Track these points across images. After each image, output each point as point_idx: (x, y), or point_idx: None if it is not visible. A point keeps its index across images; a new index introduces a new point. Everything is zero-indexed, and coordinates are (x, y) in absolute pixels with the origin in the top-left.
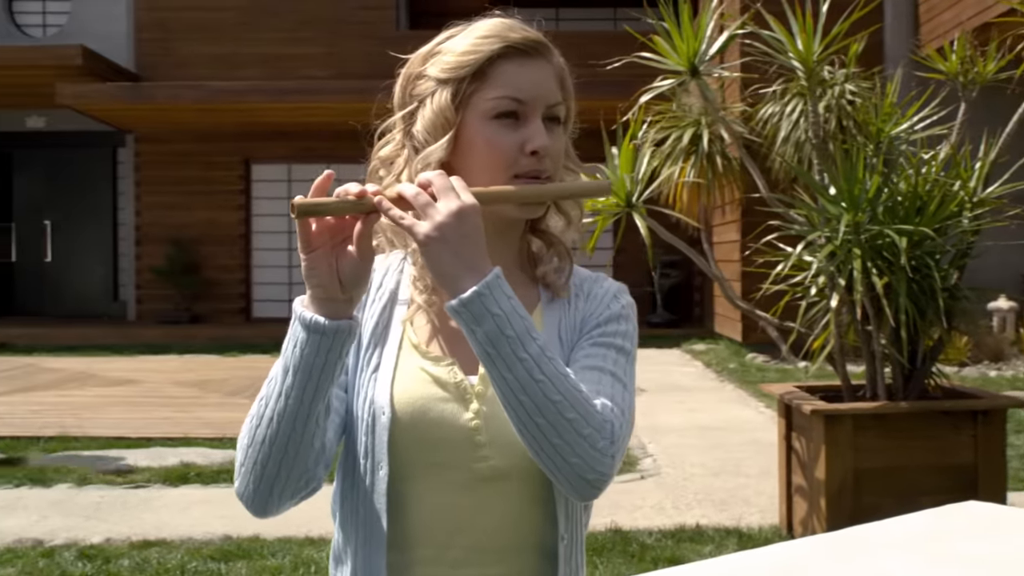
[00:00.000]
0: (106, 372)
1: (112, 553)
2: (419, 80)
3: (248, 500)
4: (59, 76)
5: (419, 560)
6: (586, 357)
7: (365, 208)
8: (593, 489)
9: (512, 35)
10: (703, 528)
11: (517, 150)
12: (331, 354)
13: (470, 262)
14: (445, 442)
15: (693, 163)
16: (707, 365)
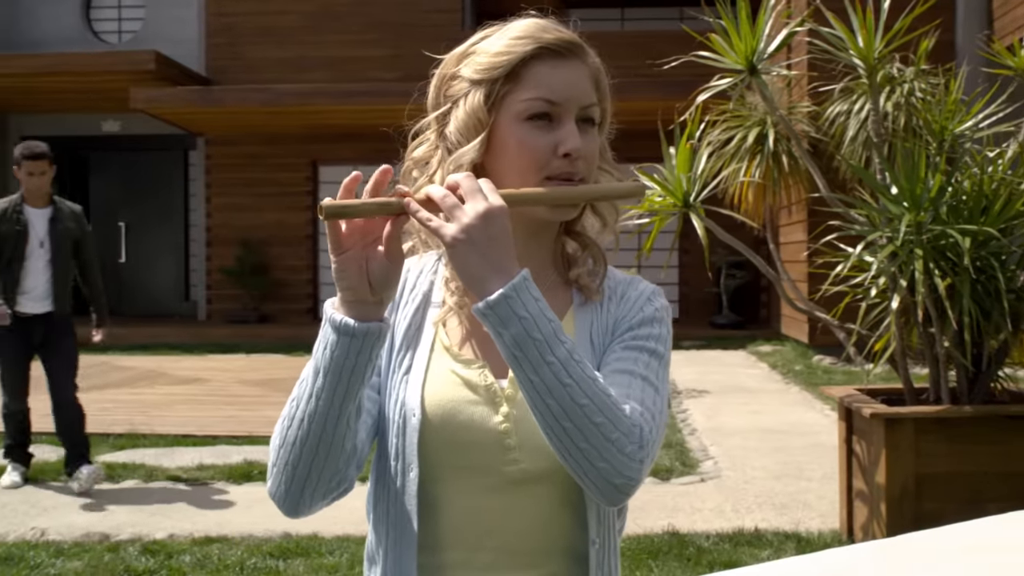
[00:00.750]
0: (175, 371)
1: (175, 549)
2: (453, 81)
3: (280, 500)
4: (133, 81)
5: (449, 563)
6: (617, 360)
7: (393, 210)
8: (621, 494)
9: (545, 36)
10: (762, 532)
11: (550, 152)
12: (361, 356)
13: (497, 264)
14: (475, 445)
15: (758, 163)
16: (772, 367)
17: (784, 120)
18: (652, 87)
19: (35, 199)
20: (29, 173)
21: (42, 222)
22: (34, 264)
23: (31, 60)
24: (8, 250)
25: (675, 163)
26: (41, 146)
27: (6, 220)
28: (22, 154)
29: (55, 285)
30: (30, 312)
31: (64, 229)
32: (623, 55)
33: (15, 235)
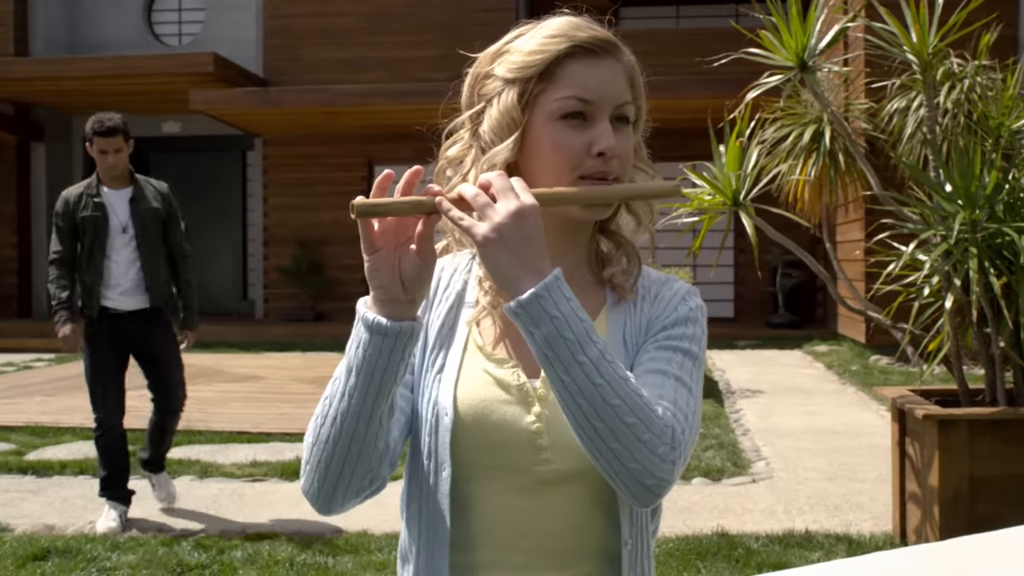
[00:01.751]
0: (232, 368)
1: (227, 544)
2: (487, 80)
3: (313, 497)
4: (192, 83)
5: (482, 563)
6: (650, 360)
7: (425, 209)
8: (652, 495)
9: (579, 34)
10: (812, 534)
11: (583, 151)
12: (393, 355)
13: (529, 263)
14: (507, 444)
15: (814, 161)
16: (828, 367)
17: (838, 117)
18: (704, 85)
19: (112, 179)
20: (101, 151)
21: (123, 204)
22: (119, 253)
23: (93, 63)
24: (88, 239)
25: (724, 161)
26: (114, 118)
27: (82, 205)
28: (92, 129)
29: (146, 275)
30: (121, 309)
31: (149, 210)
32: (677, 53)
33: (93, 221)
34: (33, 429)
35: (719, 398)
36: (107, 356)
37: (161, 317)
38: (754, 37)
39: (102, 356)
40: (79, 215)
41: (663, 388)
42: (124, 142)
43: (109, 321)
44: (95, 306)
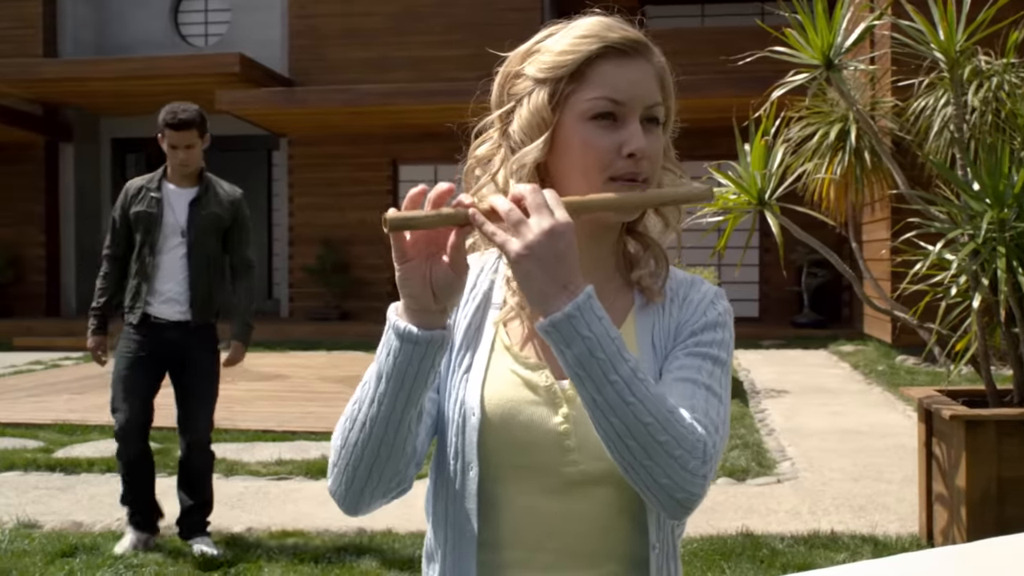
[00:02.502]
0: (258, 367)
1: (253, 542)
2: (517, 79)
3: (340, 499)
4: (219, 83)
5: (509, 562)
6: (680, 368)
7: (458, 221)
8: (684, 508)
9: (611, 35)
10: (838, 535)
11: (614, 152)
12: (424, 363)
13: (562, 281)
14: (534, 445)
15: (840, 160)
16: (854, 367)
17: (863, 116)
18: (729, 83)
19: (180, 177)
20: (172, 146)
21: (183, 204)
22: (170, 257)
23: (121, 64)
24: (140, 237)
25: (749, 160)
26: (189, 110)
27: (139, 199)
28: (164, 121)
29: (192, 286)
30: (163, 318)
31: (209, 216)
32: (702, 51)
33: (146, 218)
34: (61, 427)
35: (744, 398)
36: (139, 368)
37: (206, 335)
38: (780, 35)
39: (133, 367)
40: (133, 209)
41: (694, 399)
42: (198, 137)
43: (150, 330)
44: (138, 311)
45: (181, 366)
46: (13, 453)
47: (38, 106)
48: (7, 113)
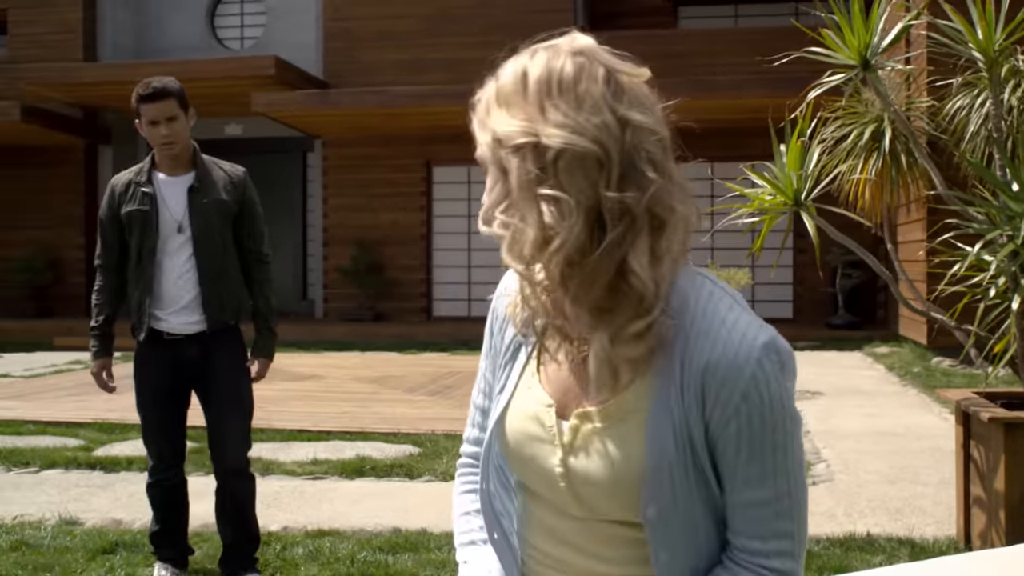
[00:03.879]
0: (293, 367)
1: (289, 540)
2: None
3: None
4: (254, 86)
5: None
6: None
7: None
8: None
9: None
10: (874, 537)
11: None
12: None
13: None
14: (538, 479)
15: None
16: (889, 368)
17: (900, 117)
18: (763, 84)
19: (169, 161)
20: (151, 122)
21: (179, 195)
22: (173, 260)
23: (158, 67)
24: (136, 241)
25: (785, 161)
26: (163, 79)
27: (129, 196)
28: (137, 95)
29: (204, 289)
30: (176, 332)
31: (213, 203)
32: (736, 52)
33: (141, 217)
34: (101, 426)
35: None
36: (161, 401)
37: (228, 340)
38: (816, 36)
39: (150, 393)
40: (124, 209)
41: (765, 523)
42: (179, 108)
43: (164, 349)
44: (144, 328)
45: (206, 383)
46: (54, 451)
47: (78, 109)
48: (48, 116)
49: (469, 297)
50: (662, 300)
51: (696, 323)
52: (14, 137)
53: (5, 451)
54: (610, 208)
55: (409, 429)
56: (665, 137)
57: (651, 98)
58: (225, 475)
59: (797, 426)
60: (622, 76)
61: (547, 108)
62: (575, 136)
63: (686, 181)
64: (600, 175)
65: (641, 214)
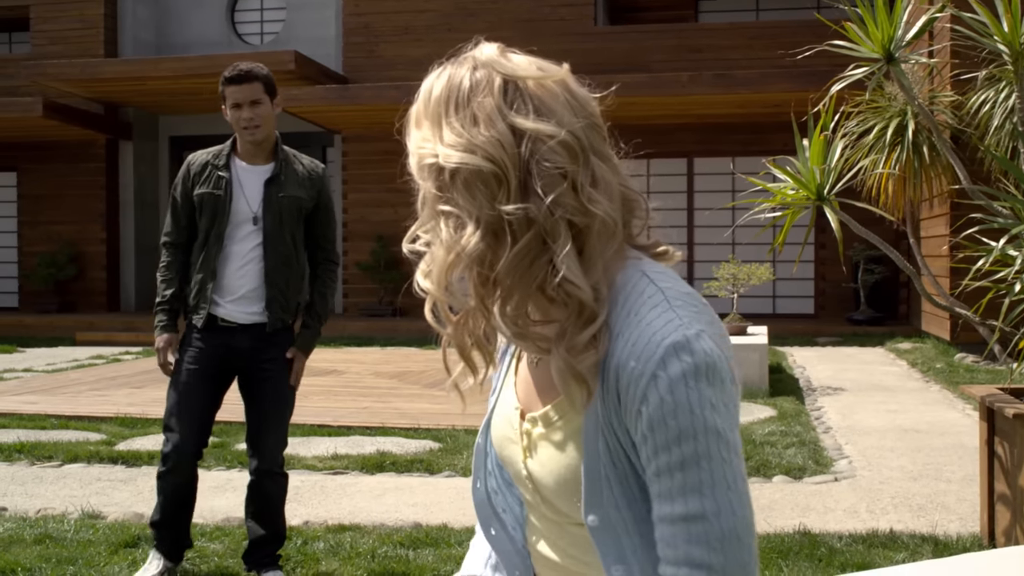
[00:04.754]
0: (312, 362)
1: (309, 535)
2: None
3: None
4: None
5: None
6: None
7: None
8: None
9: None
10: (897, 534)
11: None
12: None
13: None
14: (517, 480)
15: (898, 155)
16: (912, 365)
17: (924, 110)
18: (785, 78)
19: (250, 148)
20: (235, 104)
21: (256, 185)
22: (240, 248)
23: (179, 63)
24: (206, 223)
25: (808, 155)
26: (252, 64)
27: (204, 178)
28: (224, 78)
29: (269, 282)
30: (233, 320)
31: (289, 199)
32: (757, 46)
33: (212, 201)
34: (122, 420)
35: (800, 395)
36: (201, 383)
37: (283, 338)
38: (839, 29)
39: (194, 381)
40: (197, 190)
41: (674, 547)
42: (265, 93)
43: (218, 335)
44: (203, 313)
45: (253, 377)
46: (76, 445)
47: (99, 105)
48: (69, 112)
49: None
50: (604, 304)
51: (618, 322)
52: (36, 132)
53: (28, 445)
54: (512, 220)
55: (429, 424)
56: (574, 142)
57: (565, 100)
58: (261, 473)
59: (718, 441)
60: (527, 82)
61: (443, 127)
62: (467, 155)
63: (614, 179)
64: (499, 189)
65: (551, 222)
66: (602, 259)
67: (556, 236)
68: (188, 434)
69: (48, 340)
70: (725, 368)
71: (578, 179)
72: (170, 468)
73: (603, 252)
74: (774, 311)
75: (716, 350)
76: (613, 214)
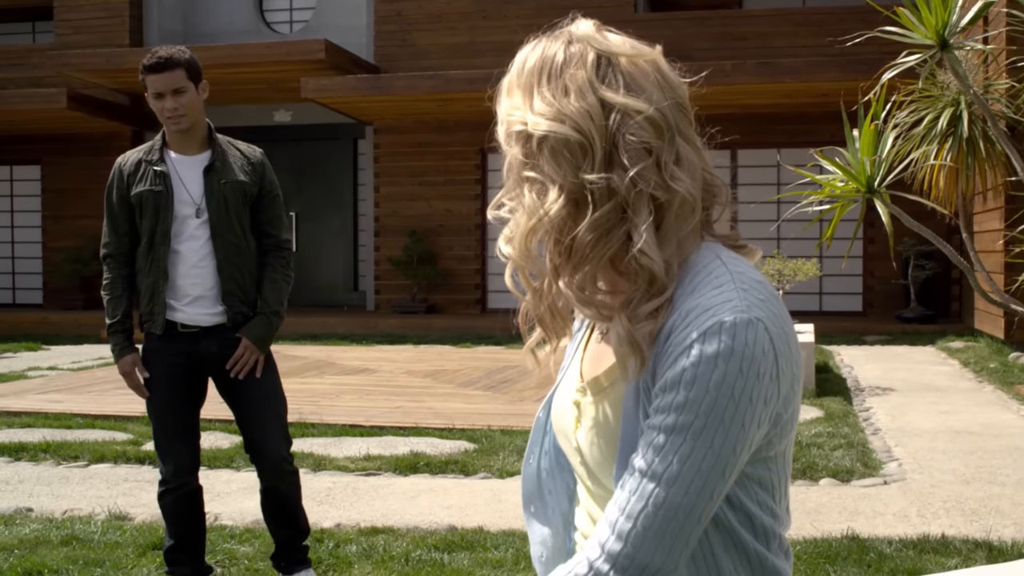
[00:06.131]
0: (344, 361)
1: (342, 538)
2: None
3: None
4: (304, 71)
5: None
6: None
7: None
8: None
9: None
10: (949, 539)
11: None
12: None
13: None
14: (571, 453)
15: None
16: (964, 364)
17: (979, 99)
18: (834, 67)
19: (181, 139)
20: (157, 94)
21: (195, 175)
22: (189, 245)
23: (206, 52)
24: (148, 224)
25: (858, 146)
26: (171, 48)
27: (139, 176)
28: (142, 66)
29: (224, 278)
30: (193, 324)
31: (231, 184)
32: (804, 33)
33: (153, 199)
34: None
35: (847, 396)
36: (171, 391)
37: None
38: (890, 14)
39: (163, 391)
40: (134, 190)
41: (614, 507)
42: (188, 79)
43: (180, 343)
44: (158, 319)
45: (230, 381)
46: (103, 445)
47: (124, 96)
48: (94, 103)
49: None
50: (673, 280)
51: (681, 297)
52: (60, 124)
53: (54, 445)
54: (594, 190)
55: (464, 424)
56: (661, 119)
57: (656, 79)
58: (269, 477)
59: (717, 430)
60: (620, 59)
61: (535, 96)
62: (555, 123)
63: (698, 161)
64: (584, 158)
65: (633, 194)
66: (677, 236)
67: (637, 209)
68: (184, 457)
69: (73, 338)
70: (767, 364)
71: (662, 156)
72: (171, 493)
73: (679, 229)
74: (820, 308)
75: (765, 343)
76: (694, 192)
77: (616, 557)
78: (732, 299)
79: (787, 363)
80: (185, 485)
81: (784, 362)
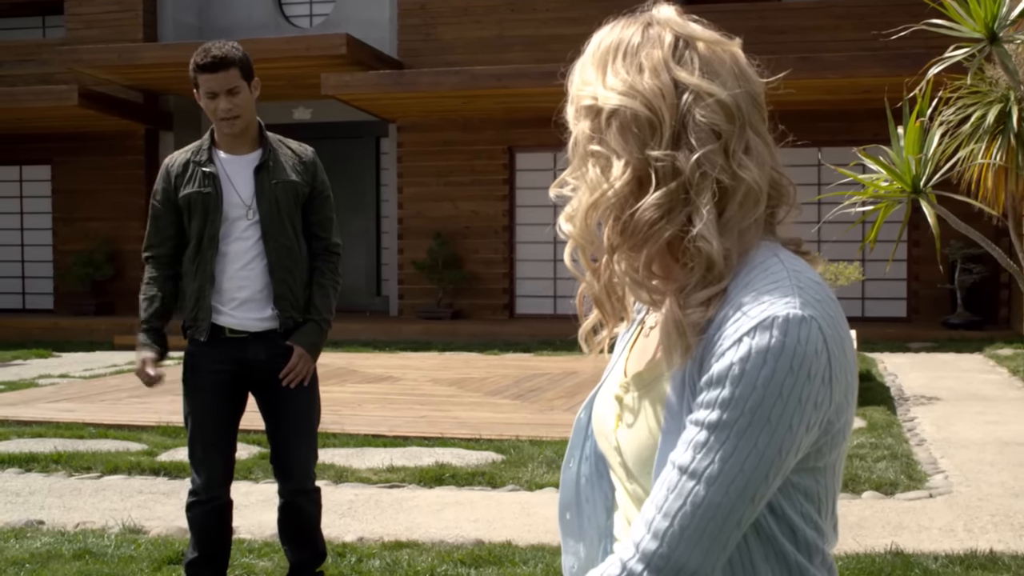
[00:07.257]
0: (366, 368)
1: (364, 552)
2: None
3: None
4: (324, 66)
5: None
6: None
7: None
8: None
9: None
10: (998, 555)
11: None
12: None
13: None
14: (609, 454)
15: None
16: (1013, 372)
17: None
18: (877, 61)
19: (231, 139)
20: (209, 93)
21: (245, 175)
22: (239, 247)
23: None
24: (196, 227)
25: (903, 144)
26: (225, 46)
27: (187, 178)
28: (195, 64)
29: (275, 280)
30: (242, 329)
31: (283, 184)
32: (846, 27)
33: (202, 200)
34: (164, 429)
35: (891, 405)
36: (214, 399)
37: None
38: (937, 7)
39: (207, 399)
40: (183, 191)
41: (650, 506)
42: (242, 78)
43: (227, 348)
44: (203, 325)
45: (274, 390)
46: (116, 456)
47: (138, 93)
48: (106, 100)
49: (555, 294)
50: (730, 271)
51: (735, 291)
52: (71, 122)
53: (66, 455)
54: (659, 168)
55: (491, 435)
56: (733, 105)
57: (732, 68)
58: (292, 495)
59: (763, 429)
60: (698, 43)
61: (608, 71)
62: (626, 98)
63: (768, 157)
64: (652, 136)
65: (697, 176)
66: (739, 227)
67: (700, 191)
68: (219, 467)
69: (85, 344)
70: (819, 365)
71: (731, 142)
72: (200, 505)
73: (742, 219)
74: (863, 314)
75: (818, 343)
76: (760, 183)
77: (651, 557)
78: (787, 294)
79: (841, 369)
80: (217, 498)
81: (838, 367)
